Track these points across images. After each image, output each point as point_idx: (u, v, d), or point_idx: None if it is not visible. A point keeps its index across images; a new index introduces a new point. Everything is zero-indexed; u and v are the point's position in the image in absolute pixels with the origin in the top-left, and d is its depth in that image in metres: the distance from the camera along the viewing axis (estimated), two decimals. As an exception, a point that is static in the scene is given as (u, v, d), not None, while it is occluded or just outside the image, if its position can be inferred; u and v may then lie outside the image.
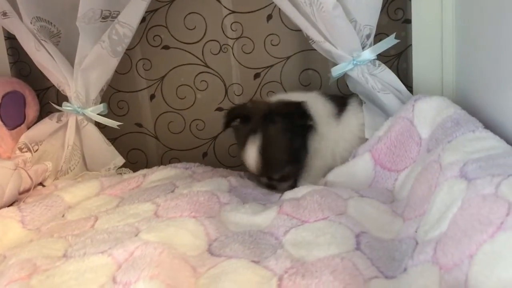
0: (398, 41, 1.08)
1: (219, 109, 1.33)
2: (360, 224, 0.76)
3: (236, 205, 0.88)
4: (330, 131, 1.08)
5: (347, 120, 1.11)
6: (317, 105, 1.10)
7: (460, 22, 1.05)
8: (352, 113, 1.11)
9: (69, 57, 1.21)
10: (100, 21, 1.17)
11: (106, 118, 1.25)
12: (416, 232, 0.72)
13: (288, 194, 0.95)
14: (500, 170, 0.64)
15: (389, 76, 1.07)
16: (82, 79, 1.20)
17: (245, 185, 1.03)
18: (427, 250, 0.64)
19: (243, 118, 1.03)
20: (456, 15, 1.06)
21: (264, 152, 0.98)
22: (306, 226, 0.75)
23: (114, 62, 1.21)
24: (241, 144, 1.02)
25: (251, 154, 0.99)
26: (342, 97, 1.18)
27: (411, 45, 1.13)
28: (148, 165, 1.36)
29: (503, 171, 0.63)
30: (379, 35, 1.10)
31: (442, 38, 1.09)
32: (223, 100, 1.33)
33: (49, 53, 1.20)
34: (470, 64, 1.02)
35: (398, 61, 1.24)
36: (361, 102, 1.12)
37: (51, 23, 1.23)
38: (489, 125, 0.83)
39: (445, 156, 0.78)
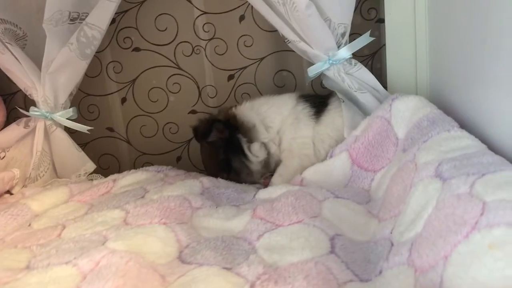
0: (373, 38, 1.07)
1: (193, 111, 1.31)
2: (335, 227, 0.75)
3: (209, 210, 0.85)
4: (308, 131, 1.08)
5: (330, 119, 1.10)
6: (286, 107, 1.11)
7: (433, 21, 1.05)
8: (335, 111, 1.10)
9: (36, 60, 1.17)
10: (68, 23, 1.13)
11: (76, 123, 1.22)
12: (391, 233, 0.71)
13: (263, 194, 0.93)
14: (474, 169, 0.63)
15: (366, 75, 1.07)
16: (50, 83, 1.16)
17: (218, 185, 1.01)
18: (402, 252, 0.62)
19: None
20: (429, 14, 1.06)
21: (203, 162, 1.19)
22: (280, 230, 0.74)
23: (83, 65, 1.18)
24: None
25: None
26: (321, 96, 1.17)
27: (384, 45, 1.13)
28: (120, 170, 1.32)
29: (477, 170, 0.62)
30: (353, 35, 1.09)
31: (416, 37, 1.09)
32: (196, 102, 1.31)
33: (14, 56, 1.15)
34: (444, 63, 1.02)
35: (372, 61, 1.23)
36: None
37: (16, 25, 1.18)
38: (464, 124, 0.83)
39: (421, 156, 0.77)
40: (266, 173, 1.13)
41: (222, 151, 1.10)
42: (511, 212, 0.50)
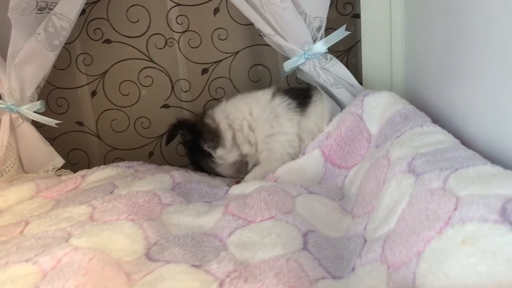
0: (349, 33, 1.07)
1: (165, 106, 1.28)
2: (308, 223, 0.73)
3: (179, 206, 0.83)
4: (292, 126, 1.05)
5: (320, 110, 1.06)
6: (257, 105, 1.08)
7: (409, 17, 1.05)
8: (321, 102, 1.07)
9: (1, 51, 1.12)
10: (36, 13, 1.09)
11: (44, 116, 1.17)
12: (364, 229, 0.70)
13: (236, 189, 0.92)
14: (447, 164, 0.62)
15: (341, 70, 1.06)
16: (16, 74, 1.12)
17: (190, 180, 0.99)
18: (375, 249, 0.61)
19: None
20: (405, 10, 1.06)
21: None
22: (252, 226, 0.72)
23: (51, 57, 1.14)
24: None
25: None
26: (302, 89, 1.14)
27: (360, 40, 1.12)
28: (90, 165, 1.29)
29: (450, 165, 0.62)
30: (328, 30, 1.08)
31: (391, 33, 1.09)
32: (169, 96, 1.28)
33: (-23, 47, 1.11)
34: (419, 58, 1.02)
35: (348, 56, 1.22)
36: None
37: (-22, 15, 1.14)
38: (437, 119, 0.82)
39: (394, 151, 0.77)
40: (241, 173, 1.12)
41: (190, 153, 1.14)
42: (484, 207, 0.49)
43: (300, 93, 1.10)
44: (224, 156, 1.08)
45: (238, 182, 1.05)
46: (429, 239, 0.51)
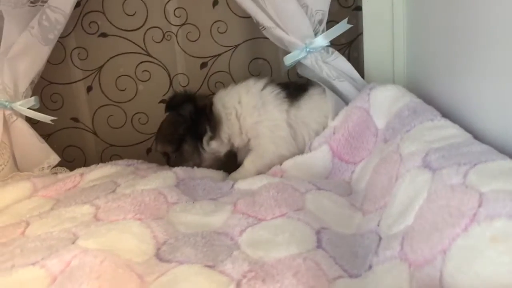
0: (351, 26, 1.05)
1: (163, 101, 1.25)
2: (319, 220, 0.72)
3: (185, 205, 0.81)
4: (279, 114, 1.05)
5: (314, 104, 1.06)
6: (246, 92, 1.07)
7: (411, 10, 1.04)
8: (320, 97, 1.06)
9: (-7, 45, 1.09)
10: (29, 5, 1.06)
11: (38, 113, 1.14)
12: (378, 226, 0.69)
13: (242, 184, 0.90)
14: (465, 159, 0.61)
15: (343, 63, 1.05)
16: (10, 69, 1.09)
17: (193, 176, 0.97)
18: (393, 246, 0.60)
19: None
20: (407, 2, 1.05)
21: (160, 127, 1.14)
22: (263, 224, 0.70)
23: (45, 51, 1.11)
24: None
25: None
26: (298, 83, 1.13)
27: (362, 33, 1.11)
28: (86, 163, 1.26)
29: (468, 160, 0.61)
30: (330, 23, 1.06)
31: (393, 26, 1.09)
32: (167, 91, 1.25)
33: (-31, 41, 1.08)
34: (421, 52, 1.01)
35: (349, 49, 1.21)
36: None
37: (-31, 8, 1.10)
38: (444, 113, 0.81)
39: (405, 146, 0.76)
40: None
41: (182, 128, 1.08)
42: (511, 203, 0.48)
43: (295, 85, 1.10)
44: (217, 148, 1.08)
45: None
46: (454, 237, 0.50)
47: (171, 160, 1.10)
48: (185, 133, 1.08)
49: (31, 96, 1.15)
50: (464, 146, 0.67)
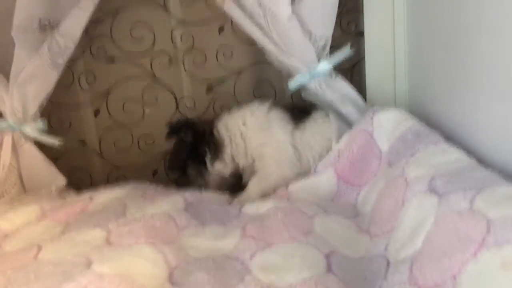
0: (353, 50, 1.07)
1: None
2: (328, 243, 0.73)
3: (195, 229, 0.81)
4: (283, 135, 1.07)
5: (317, 127, 1.09)
6: (251, 115, 1.11)
7: (412, 34, 1.06)
8: (323, 121, 1.09)
9: (2, 69, 1.10)
10: (39, 31, 1.08)
11: (47, 136, 1.15)
12: (386, 250, 0.70)
13: (249, 208, 0.91)
14: (470, 184, 0.63)
15: (346, 88, 1.07)
16: (19, 93, 1.10)
17: (201, 199, 0.97)
18: (402, 270, 0.61)
19: None
20: (408, 27, 1.07)
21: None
22: (273, 248, 0.71)
23: (54, 75, 1.12)
24: None
25: None
26: (302, 106, 1.14)
27: (363, 57, 1.13)
28: (92, 185, 1.27)
29: (474, 185, 0.62)
30: (332, 48, 1.08)
31: (395, 50, 1.10)
32: (173, 114, 1.27)
33: (-21, 65, 1.09)
34: (423, 75, 1.03)
35: (352, 74, 1.23)
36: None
37: (-20, 34, 1.12)
38: (446, 136, 0.83)
39: (410, 170, 0.77)
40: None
41: (185, 153, 1.11)
42: (519, 229, 0.49)
43: (299, 108, 1.12)
44: (221, 169, 1.10)
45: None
46: (464, 262, 0.51)
47: (179, 184, 1.12)
48: (187, 157, 1.11)
49: (39, 119, 1.16)
50: (469, 171, 0.69)
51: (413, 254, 0.62)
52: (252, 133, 1.09)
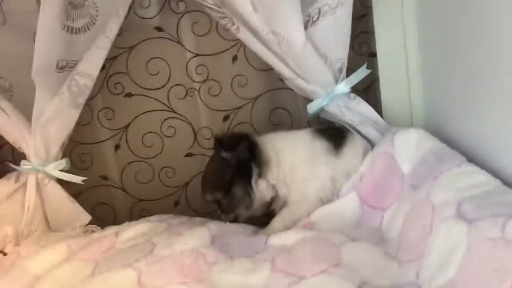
0: (370, 71, 1.08)
1: (189, 154, 1.28)
2: (358, 273, 0.73)
3: (224, 265, 0.81)
4: (327, 170, 1.04)
5: (351, 150, 1.06)
6: (301, 144, 1.07)
7: (425, 52, 1.06)
8: (356, 143, 1.06)
9: (25, 111, 1.12)
10: (58, 72, 1.10)
11: (70, 175, 1.16)
12: (417, 278, 0.70)
13: (276, 239, 0.89)
14: (500, 209, 0.63)
15: (365, 108, 1.07)
16: (41, 134, 1.11)
17: (225, 231, 0.98)
18: (437, 300, 0.61)
19: None
20: (420, 46, 1.07)
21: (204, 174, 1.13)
22: (305, 283, 0.71)
23: (75, 114, 1.14)
24: None
25: None
26: (336, 128, 1.12)
27: (377, 78, 1.13)
28: (116, 219, 1.28)
29: (504, 210, 0.62)
30: (346, 70, 1.09)
31: (408, 70, 1.11)
32: (192, 145, 1.29)
33: (2, 109, 1.11)
34: (439, 93, 1.03)
35: (366, 95, 1.24)
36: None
37: (1, 77, 1.14)
38: (466, 157, 0.82)
39: (435, 194, 0.77)
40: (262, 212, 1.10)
41: (230, 172, 1.05)
42: (555, 259, 0.49)
43: (335, 133, 1.09)
44: (264, 190, 1.06)
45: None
46: (501, 294, 0.51)
47: (222, 206, 1.08)
48: (233, 175, 1.05)
49: (61, 158, 1.17)
50: (497, 194, 0.69)
51: (447, 283, 0.62)
52: (300, 164, 1.05)
